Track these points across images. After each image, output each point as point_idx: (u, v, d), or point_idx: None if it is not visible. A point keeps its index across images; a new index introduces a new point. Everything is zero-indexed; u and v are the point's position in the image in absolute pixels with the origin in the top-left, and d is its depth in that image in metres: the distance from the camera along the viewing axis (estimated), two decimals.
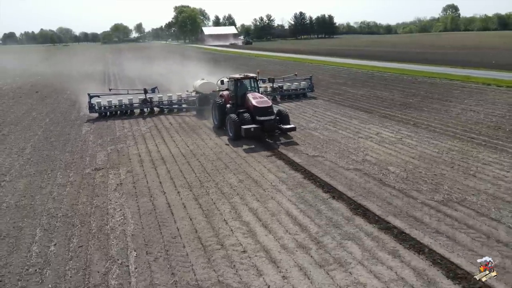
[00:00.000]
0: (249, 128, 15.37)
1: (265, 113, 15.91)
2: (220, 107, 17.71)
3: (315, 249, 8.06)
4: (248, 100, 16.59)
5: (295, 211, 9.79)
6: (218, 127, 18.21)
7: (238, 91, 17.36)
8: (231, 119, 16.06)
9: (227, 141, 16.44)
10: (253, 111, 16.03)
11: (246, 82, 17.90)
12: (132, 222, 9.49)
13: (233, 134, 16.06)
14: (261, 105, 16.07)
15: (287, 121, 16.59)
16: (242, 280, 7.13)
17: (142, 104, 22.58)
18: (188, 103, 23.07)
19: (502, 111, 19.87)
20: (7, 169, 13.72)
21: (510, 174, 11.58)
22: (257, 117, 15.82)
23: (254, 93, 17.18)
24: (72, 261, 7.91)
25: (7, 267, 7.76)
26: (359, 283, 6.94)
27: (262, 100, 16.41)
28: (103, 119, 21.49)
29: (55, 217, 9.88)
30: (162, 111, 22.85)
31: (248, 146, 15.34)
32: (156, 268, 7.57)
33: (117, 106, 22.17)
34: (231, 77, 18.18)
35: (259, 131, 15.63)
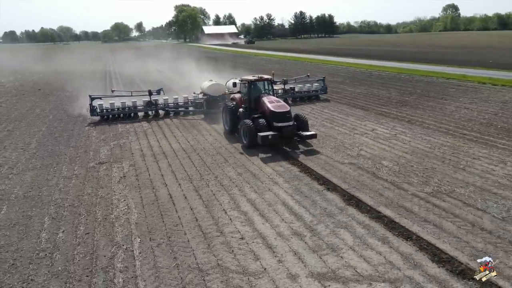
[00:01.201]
0: (266, 135, 13.99)
1: (283, 119, 14.58)
2: (232, 111, 16.52)
3: (309, 236, 8.53)
4: (263, 104, 15.30)
5: (291, 202, 10.27)
6: (229, 132, 16.94)
7: (251, 94, 16.08)
8: (245, 125, 14.70)
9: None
10: (270, 116, 14.72)
11: (260, 84, 16.57)
12: (135, 211, 9.96)
13: (248, 141, 14.71)
14: (279, 110, 14.73)
15: (306, 127, 15.23)
16: (240, 264, 7.60)
17: (146, 107, 21.38)
18: (195, 105, 22.01)
19: (495, 108, 20.35)
20: (14, 162, 14.19)
21: (498, 168, 12.06)
22: (274, 123, 14.47)
23: (269, 96, 15.88)
24: (79, 246, 8.38)
25: (18, 251, 8.23)
26: (350, 266, 7.41)
27: (280, 105, 15.06)
28: (105, 122, 20.44)
29: (62, 207, 10.35)
30: (167, 114, 21.67)
31: (265, 154, 14.07)
32: (159, 253, 8.04)
33: (120, 108, 20.97)
34: (243, 79, 16.91)
35: (277, 138, 14.30)
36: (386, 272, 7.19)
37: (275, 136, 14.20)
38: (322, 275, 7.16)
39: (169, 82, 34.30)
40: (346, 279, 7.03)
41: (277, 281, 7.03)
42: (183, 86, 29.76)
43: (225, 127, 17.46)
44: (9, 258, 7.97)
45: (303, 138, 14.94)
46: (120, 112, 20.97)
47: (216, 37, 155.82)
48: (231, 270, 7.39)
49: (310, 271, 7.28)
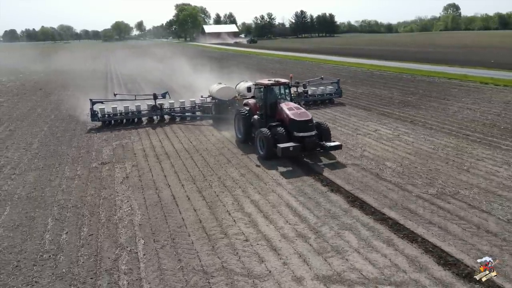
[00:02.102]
0: (287, 147, 12.65)
1: (305, 128, 13.23)
2: (245, 119, 15.14)
3: (313, 238, 8.50)
4: (281, 111, 14.00)
5: (294, 203, 10.24)
6: (242, 141, 15.55)
7: (267, 99, 14.73)
8: (262, 134, 13.42)
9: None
10: (289, 125, 13.40)
11: (277, 89, 15.28)
12: (139, 212, 9.93)
13: (265, 152, 13.42)
14: (300, 118, 13.37)
15: (329, 137, 13.83)
16: (245, 266, 7.57)
17: (151, 111, 20.05)
18: (202, 110, 20.62)
19: (498, 109, 20.30)
20: (16, 163, 14.17)
21: (502, 170, 12.02)
22: (295, 133, 13.13)
23: (287, 102, 14.55)
24: (83, 248, 8.35)
25: (22, 253, 8.20)
26: (355, 268, 7.38)
27: (300, 112, 13.69)
28: (106, 128, 19.02)
29: (65, 207, 10.32)
30: (173, 119, 20.41)
31: (285, 167, 12.70)
32: (163, 255, 8.01)
33: (123, 113, 19.61)
34: (258, 83, 15.63)
35: (299, 150, 12.95)
36: (392, 275, 7.15)
37: (297, 147, 12.79)
38: (327, 278, 7.12)
39: (170, 81, 34.26)
40: (351, 282, 7.00)
41: (282, 284, 7.00)
42: (184, 85, 29.75)
43: (237, 135, 16.05)
44: (12, 260, 7.94)
45: (327, 149, 13.37)
46: (123, 117, 19.67)
47: (217, 36, 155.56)
48: (236, 273, 7.35)
49: (315, 274, 7.25)
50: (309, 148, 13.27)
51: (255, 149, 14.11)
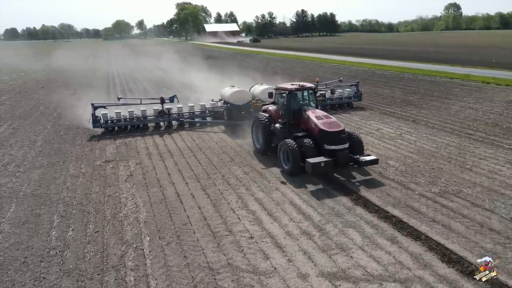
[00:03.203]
0: (318, 163, 11.07)
1: (337, 141, 11.65)
2: (265, 127, 13.67)
3: (318, 236, 8.56)
4: (308, 119, 12.51)
5: (298, 201, 10.30)
6: (262, 152, 14.03)
7: (290, 106, 13.21)
8: (288, 147, 11.88)
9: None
10: (318, 136, 11.86)
11: (302, 94, 13.79)
12: (144, 210, 9.99)
13: (291, 167, 11.90)
14: (331, 129, 11.80)
15: (361, 149, 12.25)
16: (250, 263, 7.63)
17: (158, 117, 18.50)
18: (213, 115, 19.21)
19: (500, 108, 20.34)
20: (20, 160, 14.23)
21: (505, 168, 12.07)
22: (326, 146, 11.58)
23: (314, 110, 12.96)
24: (89, 244, 8.42)
25: (28, 249, 8.27)
26: (360, 266, 7.44)
27: (331, 122, 12.09)
28: (110, 135, 17.43)
29: (71, 205, 10.39)
30: (181, 125, 18.87)
31: (314, 186, 11.20)
32: (169, 252, 8.07)
33: (128, 119, 18.05)
34: (279, 87, 14.03)
35: (331, 165, 11.37)
36: (396, 272, 7.21)
37: (329, 163, 11.22)
38: (332, 275, 7.19)
39: (171, 80, 34.32)
40: (356, 278, 7.06)
41: (288, 280, 7.06)
42: (185, 84, 29.80)
43: (255, 145, 14.52)
44: (20, 256, 8.01)
45: (361, 164, 11.75)
46: (127, 123, 18.09)
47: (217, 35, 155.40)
48: (242, 269, 7.42)
49: (320, 271, 7.31)
50: (342, 163, 11.67)
51: (278, 161, 12.57)
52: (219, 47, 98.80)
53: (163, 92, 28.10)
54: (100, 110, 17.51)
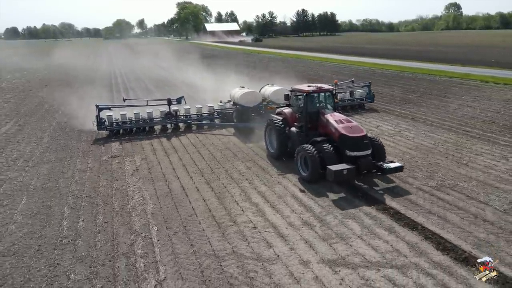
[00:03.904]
0: (340, 170, 10.45)
1: (359, 146, 11.04)
2: (280, 131, 13.07)
3: (319, 226, 8.93)
4: (327, 123, 11.91)
5: (300, 194, 10.66)
6: (275, 156, 13.48)
7: (307, 109, 12.57)
8: (307, 152, 11.24)
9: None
10: (339, 141, 11.27)
11: (319, 96, 13.18)
12: (151, 202, 10.36)
13: (310, 174, 11.27)
14: (353, 134, 11.16)
15: (383, 155, 11.67)
16: (254, 251, 7.99)
17: (165, 119, 17.88)
18: (222, 117, 18.50)
19: (498, 106, 20.69)
20: (28, 156, 14.60)
21: (500, 164, 12.43)
22: (348, 152, 10.97)
23: (333, 113, 12.34)
24: (100, 234, 8.79)
25: (42, 238, 8.64)
26: (358, 253, 7.81)
27: (352, 126, 11.47)
28: (115, 137, 16.82)
29: (80, 197, 10.76)
30: (189, 127, 18.27)
31: (335, 194, 10.55)
32: (176, 241, 8.44)
33: (133, 121, 17.46)
34: (295, 89, 13.36)
35: (354, 173, 10.76)
36: (394, 259, 7.58)
37: (351, 170, 10.59)
38: (332, 262, 7.55)
39: (174, 79, 34.66)
40: (355, 265, 7.43)
41: (290, 266, 7.43)
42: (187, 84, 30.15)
43: (268, 149, 13.97)
44: (34, 244, 8.38)
45: (386, 172, 11.01)
46: (133, 125, 17.50)
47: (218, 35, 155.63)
48: (246, 257, 7.78)
49: (321, 258, 7.67)
50: (364, 170, 11.07)
51: (295, 168, 11.95)
52: (221, 46, 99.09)
53: (165, 91, 28.50)
54: (104, 112, 16.99)
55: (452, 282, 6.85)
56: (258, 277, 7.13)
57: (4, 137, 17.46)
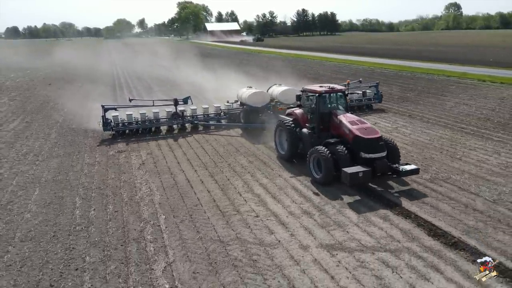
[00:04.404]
0: (356, 173, 10.25)
1: (374, 148, 10.84)
2: (291, 132, 12.88)
3: (318, 215, 9.44)
4: (340, 125, 11.71)
5: (300, 186, 11.18)
6: (286, 158, 13.28)
7: (319, 109, 12.35)
8: (320, 154, 11.05)
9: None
10: (353, 143, 11.08)
11: (332, 97, 12.87)
12: (157, 193, 10.88)
13: (323, 176, 11.07)
14: (368, 135, 10.97)
15: (398, 157, 11.46)
16: (257, 237, 8.51)
17: (172, 119, 17.70)
18: (229, 117, 18.31)
19: (493, 104, 21.20)
20: (38, 151, 15.11)
21: (492, 158, 12.94)
22: (363, 154, 10.77)
23: (346, 114, 12.10)
24: (111, 222, 9.30)
25: (56, 226, 9.15)
26: (355, 239, 8.32)
27: (367, 128, 11.28)
28: (121, 138, 16.63)
29: (90, 189, 11.28)
30: (196, 128, 18.10)
31: (351, 197, 10.35)
32: (183, 228, 8.95)
33: (140, 121, 17.30)
34: (306, 89, 13.14)
35: (370, 176, 10.49)
36: (387, 244, 8.09)
37: (367, 173, 10.36)
38: (330, 246, 8.07)
39: (175, 78, 35.16)
40: (351, 249, 7.94)
41: (290, 250, 7.94)
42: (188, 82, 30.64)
43: (278, 151, 13.75)
44: (49, 231, 8.90)
45: (401, 174, 10.84)
46: (139, 126, 17.32)
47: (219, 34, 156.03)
48: (249, 242, 8.30)
49: (319, 243, 8.19)
50: (380, 173, 10.82)
51: (308, 170, 11.69)
52: (222, 46, 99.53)
53: (167, 89, 29.03)
54: (110, 112, 16.87)
55: (441, 264, 7.36)
56: (261, 260, 7.65)
57: (12, 133, 17.98)
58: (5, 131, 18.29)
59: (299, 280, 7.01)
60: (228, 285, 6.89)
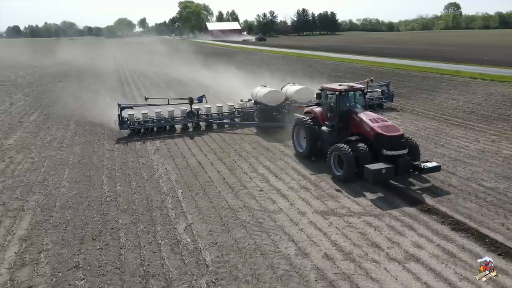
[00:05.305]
0: (379, 169, 10.46)
1: (396, 146, 11.00)
2: (311, 130, 13.10)
3: (314, 189, 10.93)
4: (361, 123, 11.87)
5: (299, 167, 12.68)
6: (305, 155, 13.46)
7: (339, 108, 12.63)
8: (342, 152, 11.22)
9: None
10: (375, 140, 11.27)
11: (351, 96, 13.11)
12: (173, 173, 12.37)
13: (345, 173, 11.27)
14: (390, 133, 11.13)
15: (418, 155, 11.72)
16: (262, 206, 9.99)
17: (187, 118, 17.75)
18: (243, 116, 18.56)
19: (480, 99, 22.68)
20: (60, 139, 16.61)
21: (471, 145, 14.43)
22: (385, 152, 10.94)
23: (366, 112, 12.39)
24: (135, 195, 10.79)
25: (89, 197, 10.64)
26: (345, 207, 9.81)
27: (388, 125, 11.48)
28: (137, 137, 16.73)
29: (113, 169, 12.77)
30: (210, 126, 18.20)
31: (374, 194, 10.52)
32: (198, 199, 10.44)
33: (155, 120, 17.45)
34: (325, 88, 13.40)
35: (392, 173, 10.75)
36: (372, 210, 9.59)
37: (390, 169, 10.59)
38: (324, 212, 9.56)
39: (180, 75, 36.64)
40: (342, 214, 9.43)
41: (290, 215, 9.43)
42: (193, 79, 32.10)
43: (296, 149, 13.95)
44: (84, 201, 10.38)
45: (424, 172, 11.08)
46: (154, 124, 17.46)
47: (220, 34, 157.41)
48: (255, 209, 9.78)
49: (315, 210, 9.68)
50: (402, 170, 10.99)
51: (328, 167, 11.91)
52: (224, 46, 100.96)
53: (174, 87, 30.52)
54: (126, 111, 16.98)
55: (416, 224, 8.85)
56: (265, 222, 9.14)
57: (34, 124, 19.48)
58: (27, 123, 19.80)
59: (297, 235, 8.50)
60: (239, 239, 8.37)
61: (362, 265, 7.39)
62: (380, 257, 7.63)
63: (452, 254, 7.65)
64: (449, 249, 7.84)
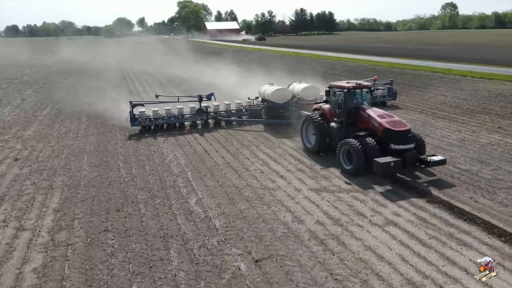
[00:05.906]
0: (388, 163, 10.96)
1: (403, 140, 11.55)
2: (320, 126, 13.58)
3: (309, 171, 12.28)
4: (369, 118, 12.36)
5: (296, 153, 14.03)
6: (315, 151, 13.90)
7: (347, 105, 13.06)
8: (351, 146, 11.78)
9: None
10: (383, 135, 11.75)
11: (359, 93, 13.46)
12: (182, 158, 13.70)
13: (354, 167, 11.74)
14: (397, 128, 11.66)
15: (424, 149, 12.24)
16: (262, 184, 11.33)
17: (196, 115, 18.30)
18: (250, 114, 19.13)
19: (466, 95, 24.09)
20: (75, 130, 17.91)
21: (453, 135, 15.82)
22: (393, 146, 11.46)
23: (374, 108, 13.01)
24: (150, 176, 12.11)
25: (109, 178, 11.95)
26: (336, 185, 11.17)
27: (395, 121, 12.02)
28: (148, 134, 17.18)
29: (128, 156, 14.09)
30: (218, 123, 18.70)
31: (382, 187, 10.99)
32: (205, 179, 11.77)
33: (165, 117, 17.91)
34: (334, 85, 13.72)
35: (400, 166, 11.26)
36: (360, 187, 10.94)
37: (398, 163, 11.10)
38: (317, 189, 10.90)
39: (181, 74, 37.94)
40: (333, 191, 10.79)
41: (287, 192, 10.77)
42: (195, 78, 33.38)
43: (305, 145, 14.38)
44: (105, 181, 11.70)
45: (430, 165, 11.61)
46: (165, 121, 17.94)
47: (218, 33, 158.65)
48: (257, 187, 11.12)
49: (309, 187, 11.03)
50: (409, 164, 11.49)
51: (337, 162, 12.41)
52: (224, 45, 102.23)
53: (176, 84, 31.81)
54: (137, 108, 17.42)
55: (395, 197, 10.22)
56: (266, 197, 10.47)
57: (48, 117, 20.77)
58: (41, 116, 21.09)
59: (293, 207, 9.84)
60: (243, 210, 9.71)
61: (348, 229, 8.74)
62: (364, 223, 8.99)
63: (424, 220, 9.02)
64: (423, 216, 9.21)
